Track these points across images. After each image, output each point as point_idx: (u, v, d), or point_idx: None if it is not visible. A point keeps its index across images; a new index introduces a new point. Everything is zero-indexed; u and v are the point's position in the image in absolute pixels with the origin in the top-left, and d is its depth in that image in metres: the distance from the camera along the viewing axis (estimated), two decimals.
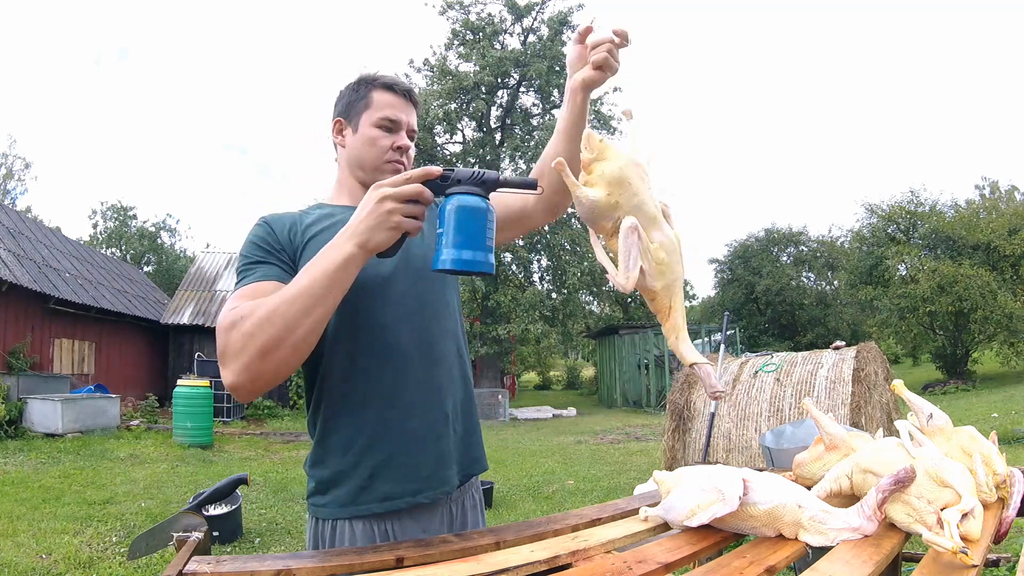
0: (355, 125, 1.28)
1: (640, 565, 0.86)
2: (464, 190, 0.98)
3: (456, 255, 0.95)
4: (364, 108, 1.27)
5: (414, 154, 1.32)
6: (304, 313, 0.95)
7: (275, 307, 0.96)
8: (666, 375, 16.23)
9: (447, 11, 19.62)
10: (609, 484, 6.44)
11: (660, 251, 0.95)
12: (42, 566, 3.87)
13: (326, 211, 1.26)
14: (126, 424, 10.69)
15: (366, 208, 0.97)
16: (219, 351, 0.99)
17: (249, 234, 1.19)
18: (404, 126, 1.28)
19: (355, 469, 1.14)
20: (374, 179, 1.22)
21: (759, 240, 27.18)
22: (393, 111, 1.27)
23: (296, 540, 4.58)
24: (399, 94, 1.29)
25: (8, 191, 28.34)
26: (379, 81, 1.29)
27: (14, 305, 11.12)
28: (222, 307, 1.21)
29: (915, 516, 0.92)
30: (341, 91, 1.34)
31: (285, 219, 1.21)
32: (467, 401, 1.27)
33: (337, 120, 1.31)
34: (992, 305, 15.94)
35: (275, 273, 1.11)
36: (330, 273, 0.96)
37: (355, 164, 1.29)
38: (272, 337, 0.95)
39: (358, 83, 1.30)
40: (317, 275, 0.96)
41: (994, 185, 24.02)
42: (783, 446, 2.75)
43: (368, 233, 0.96)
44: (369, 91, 1.28)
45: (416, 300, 1.20)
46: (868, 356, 4.36)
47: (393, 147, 1.26)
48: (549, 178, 1.23)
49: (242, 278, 1.11)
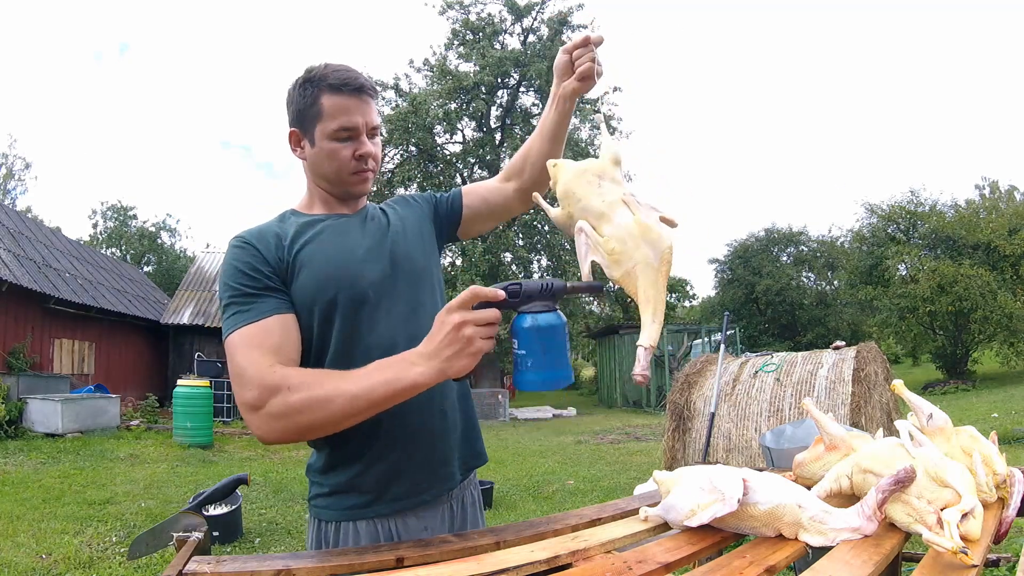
0: (311, 137, 1.19)
1: (640, 565, 0.86)
2: (539, 308, 0.99)
3: (545, 377, 0.98)
4: (316, 118, 1.17)
5: (380, 153, 1.25)
6: (357, 414, 0.99)
7: (330, 397, 0.97)
8: (666, 375, 16.23)
9: (447, 11, 19.62)
10: (609, 484, 6.44)
11: (611, 242, 1.01)
12: (42, 566, 3.87)
13: (304, 220, 1.21)
14: (126, 424, 10.69)
15: (444, 333, 0.95)
16: (250, 400, 1.00)
17: (230, 258, 1.12)
18: (363, 129, 1.19)
19: (362, 477, 1.14)
20: (342, 191, 1.24)
21: (759, 240, 27.18)
22: (347, 118, 1.17)
23: (296, 540, 4.58)
24: (350, 94, 1.17)
25: (8, 191, 28.35)
26: (326, 82, 1.17)
27: (14, 305, 11.12)
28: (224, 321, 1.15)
29: (915, 516, 0.92)
30: (289, 91, 1.22)
31: (266, 234, 1.16)
32: (463, 395, 1.28)
33: (292, 131, 1.22)
34: (992, 305, 15.93)
35: (273, 307, 1.08)
36: (398, 391, 0.97)
37: (320, 178, 1.23)
38: (319, 421, 0.99)
39: (304, 84, 1.19)
40: (383, 389, 0.97)
41: (994, 185, 24.02)
42: (783, 446, 2.75)
43: (451, 361, 0.94)
44: (317, 96, 1.17)
45: (407, 304, 1.20)
46: (868, 356, 4.36)
47: (355, 156, 1.19)
48: (530, 172, 1.35)
49: (238, 313, 1.06)
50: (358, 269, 1.16)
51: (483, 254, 17.18)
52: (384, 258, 1.20)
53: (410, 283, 1.21)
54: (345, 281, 1.13)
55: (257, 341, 1.03)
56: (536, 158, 1.35)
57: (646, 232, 0.99)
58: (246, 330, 1.04)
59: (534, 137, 1.36)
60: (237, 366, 1.02)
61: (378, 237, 1.23)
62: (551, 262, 19.55)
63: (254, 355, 1.02)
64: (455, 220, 1.41)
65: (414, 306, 1.20)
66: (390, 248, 1.22)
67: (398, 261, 1.21)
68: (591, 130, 17.95)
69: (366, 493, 1.14)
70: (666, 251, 1.00)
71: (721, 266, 28.03)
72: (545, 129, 1.33)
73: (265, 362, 1.01)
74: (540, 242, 19.14)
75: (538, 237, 19.08)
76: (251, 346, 1.03)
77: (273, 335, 1.05)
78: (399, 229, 1.27)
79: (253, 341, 1.03)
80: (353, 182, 1.21)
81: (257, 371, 1.00)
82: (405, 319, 1.18)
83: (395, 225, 1.27)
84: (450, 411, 1.22)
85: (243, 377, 1.01)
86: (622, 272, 1.00)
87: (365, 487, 1.14)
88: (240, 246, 1.13)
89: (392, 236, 1.24)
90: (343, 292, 1.13)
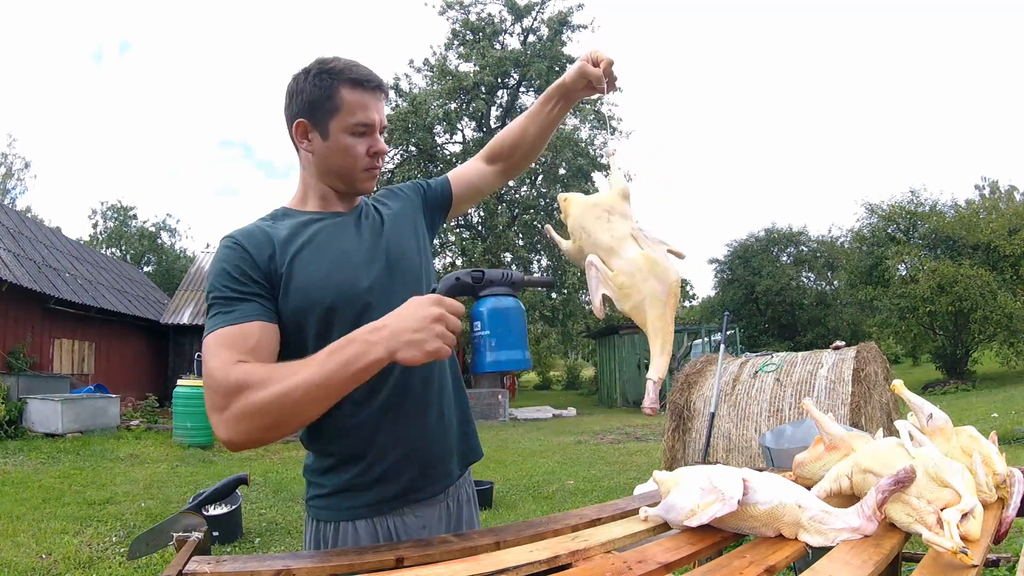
0: (324, 131, 1.15)
1: (640, 565, 0.86)
2: (499, 292, 1.03)
3: (502, 357, 1.01)
4: (333, 111, 1.14)
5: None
6: (316, 403, 0.94)
7: (288, 390, 0.93)
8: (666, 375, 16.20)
9: (447, 11, 19.62)
10: (609, 484, 6.44)
11: (620, 276, 1.06)
12: (42, 566, 3.86)
13: (297, 220, 1.18)
14: (126, 424, 10.68)
15: (415, 318, 0.93)
16: (215, 403, 0.95)
17: (220, 256, 1.09)
18: (378, 127, 1.17)
19: (361, 477, 1.14)
20: (351, 188, 1.22)
21: (759, 240, 27.16)
22: (367, 113, 1.15)
23: (296, 540, 4.58)
24: (370, 90, 1.15)
25: (8, 191, 28.34)
26: (346, 76, 1.14)
27: (14, 305, 11.12)
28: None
29: (915, 516, 0.92)
30: (297, 80, 1.17)
31: (258, 236, 1.12)
32: (457, 390, 1.28)
33: (299, 122, 1.17)
34: (992, 305, 15.92)
35: (255, 311, 1.04)
36: (353, 373, 0.93)
37: (328, 172, 1.19)
38: (280, 418, 0.94)
39: (319, 75, 1.14)
40: (338, 370, 0.92)
41: (994, 185, 24.07)
42: (783, 446, 2.74)
43: (407, 348, 0.92)
44: (335, 88, 1.13)
45: (399, 304, 1.19)
46: (868, 356, 4.36)
47: (370, 153, 1.17)
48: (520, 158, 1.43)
49: (220, 314, 1.03)
50: (355, 274, 1.14)
51: (483, 254, 17.18)
52: (381, 260, 1.19)
53: (407, 283, 1.20)
54: (343, 287, 1.12)
55: (230, 342, 1.00)
56: (529, 148, 1.42)
57: (653, 266, 1.03)
58: (223, 331, 1.01)
59: (529, 125, 1.40)
60: (207, 367, 0.98)
61: (374, 238, 1.21)
62: (551, 262, 19.56)
63: (223, 355, 0.98)
64: (445, 208, 1.42)
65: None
66: (386, 248, 1.21)
67: (395, 262, 1.20)
68: (591, 130, 17.97)
69: (365, 493, 1.14)
70: (673, 284, 1.04)
71: (721, 266, 28.01)
72: (545, 123, 1.38)
73: (232, 360, 0.97)
74: (540, 242, 19.15)
75: (538, 237, 19.08)
76: (223, 346, 0.99)
77: (250, 339, 1.01)
78: (393, 227, 1.25)
79: (227, 342, 1.00)
80: (363, 179, 1.20)
81: (223, 371, 0.96)
82: None
83: (389, 223, 1.26)
84: (446, 409, 1.22)
85: (210, 379, 0.97)
86: (631, 305, 1.05)
87: (364, 487, 1.14)
88: (230, 247, 1.10)
89: (387, 235, 1.23)
90: (341, 298, 1.11)
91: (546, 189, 19.14)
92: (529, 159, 1.46)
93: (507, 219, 18.27)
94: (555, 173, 18.69)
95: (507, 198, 19.01)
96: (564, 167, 18.21)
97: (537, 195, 19.14)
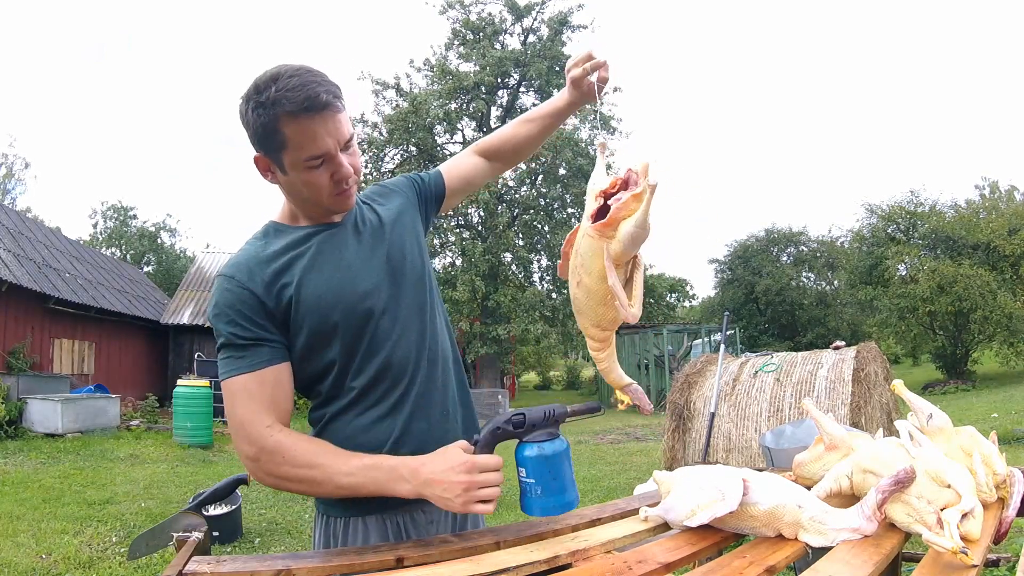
0: (279, 166, 1.09)
1: (640, 565, 0.86)
2: (543, 436, 1.03)
3: (555, 503, 1.02)
4: (281, 148, 1.05)
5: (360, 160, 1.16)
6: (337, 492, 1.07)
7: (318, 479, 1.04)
8: (666, 375, 16.21)
9: (447, 11, 19.62)
10: (609, 484, 6.44)
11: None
12: (42, 566, 3.86)
13: (290, 238, 1.15)
14: (126, 424, 10.68)
15: (446, 482, 1.00)
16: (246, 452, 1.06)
17: (220, 298, 1.08)
18: (336, 150, 1.07)
19: None
20: (329, 211, 1.18)
21: (759, 240, 27.15)
22: (316, 144, 1.04)
23: (296, 540, 4.58)
24: (316, 113, 1.02)
25: (8, 191, 28.33)
26: (284, 108, 1.01)
27: (14, 305, 11.11)
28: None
29: (915, 516, 0.92)
30: (241, 111, 1.07)
31: (253, 267, 1.09)
32: (462, 387, 1.28)
33: (257, 157, 1.10)
34: (992, 305, 15.91)
35: (266, 357, 1.07)
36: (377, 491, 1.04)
37: (301, 202, 1.15)
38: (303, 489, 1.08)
39: (257, 108, 1.03)
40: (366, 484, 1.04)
41: (994, 185, 24.01)
42: (783, 446, 2.75)
43: (438, 499, 1.00)
44: (277, 123, 1.03)
45: (411, 307, 1.20)
46: (868, 356, 4.36)
47: (334, 180, 1.09)
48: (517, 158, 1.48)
49: (231, 358, 1.06)
50: (360, 286, 1.14)
51: (483, 254, 17.18)
52: (383, 265, 1.18)
53: (411, 284, 1.20)
54: (349, 301, 1.12)
55: (251, 392, 1.06)
56: (528, 151, 1.48)
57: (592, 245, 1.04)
58: (242, 380, 1.06)
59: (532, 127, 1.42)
60: (236, 417, 1.06)
61: (373, 244, 1.20)
62: (551, 262, 19.55)
63: (252, 408, 1.05)
64: (439, 202, 1.42)
65: (419, 305, 1.21)
66: (387, 252, 1.20)
67: (397, 265, 1.19)
68: (591, 130, 17.97)
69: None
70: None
71: (721, 266, 28.00)
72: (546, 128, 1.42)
73: (262, 421, 1.05)
74: (540, 242, 19.14)
75: (538, 237, 19.08)
76: (248, 398, 1.06)
77: (267, 387, 1.07)
78: (394, 230, 1.24)
79: (248, 391, 1.06)
80: (337, 202, 1.14)
81: (256, 431, 1.05)
82: (413, 322, 1.18)
83: (389, 226, 1.24)
84: (452, 408, 1.23)
85: (242, 430, 1.06)
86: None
87: None
88: (229, 288, 1.08)
89: (389, 240, 1.22)
90: (350, 313, 1.11)
91: (546, 189, 19.14)
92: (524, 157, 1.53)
93: (507, 219, 18.26)
94: (555, 173, 18.69)
95: (507, 198, 19.00)
96: (564, 167, 18.21)
97: (537, 195, 19.14)
